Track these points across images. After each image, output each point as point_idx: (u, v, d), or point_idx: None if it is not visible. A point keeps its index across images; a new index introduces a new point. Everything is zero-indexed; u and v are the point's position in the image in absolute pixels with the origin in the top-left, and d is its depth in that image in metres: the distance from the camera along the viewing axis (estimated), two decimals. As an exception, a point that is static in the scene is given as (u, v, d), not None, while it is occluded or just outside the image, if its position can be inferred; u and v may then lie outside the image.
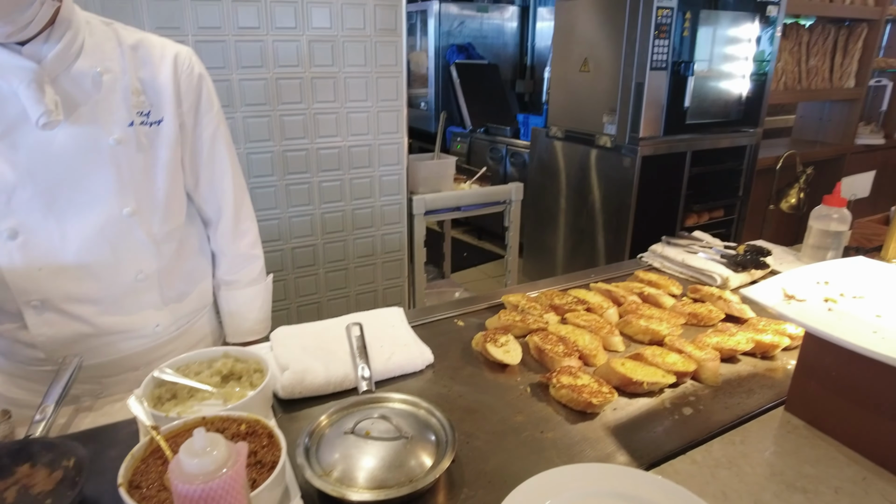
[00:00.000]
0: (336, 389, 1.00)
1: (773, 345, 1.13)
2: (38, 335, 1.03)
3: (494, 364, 1.11)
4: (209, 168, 1.15)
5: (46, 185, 0.96)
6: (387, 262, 2.25)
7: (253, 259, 1.27)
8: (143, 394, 0.90)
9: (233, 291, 1.26)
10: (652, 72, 2.75)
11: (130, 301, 1.09)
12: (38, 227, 0.97)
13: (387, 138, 2.10)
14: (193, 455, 0.56)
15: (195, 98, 1.09)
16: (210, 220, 1.21)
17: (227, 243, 1.23)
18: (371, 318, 1.18)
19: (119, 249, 1.05)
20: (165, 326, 1.15)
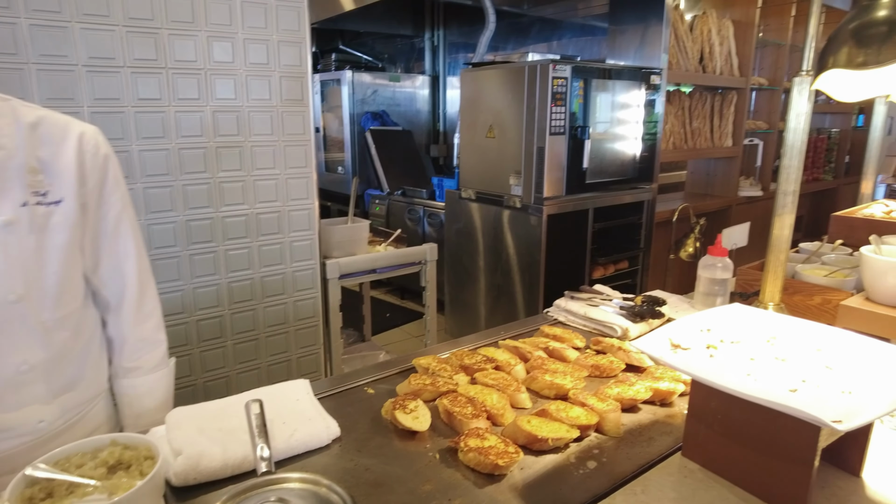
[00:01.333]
0: (235, 472, 0.95)
1: (669, 392, 1.19)
2: None
3: (404, 431, 1.09)
4: (112, 250, 1.10)
5: None
6: (300, 330, 2.19)
7: (156, 344, 1.21)
8: (10, 496, 0.82)
9: (133, 379, 1.18)
10: (551, 136, 2.93)
11: (10, 396, 1.00)
12: None
13: (297, 204, 2.09)
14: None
15: (100, 178, 1.05)
16: (109, 303, 1.15)
17: (129, 328, 1.16)
18: (273, 393, 1.14)
19: (4, 337, 0.96)
20: (51, 422, 1.06)
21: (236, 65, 1.91)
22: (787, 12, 4.48)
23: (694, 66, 3.93)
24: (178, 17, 1.79)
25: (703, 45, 3.99)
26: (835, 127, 5.58)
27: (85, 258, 1.08)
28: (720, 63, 4.06)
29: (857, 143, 5.52)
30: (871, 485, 0.94)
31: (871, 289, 1.34)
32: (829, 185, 5.42)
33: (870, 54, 1.14)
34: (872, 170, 2.90)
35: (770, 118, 4.69)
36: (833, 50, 1.20)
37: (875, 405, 0.80)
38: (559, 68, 2.88)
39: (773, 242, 1.54)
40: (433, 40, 5.71)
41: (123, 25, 1.70)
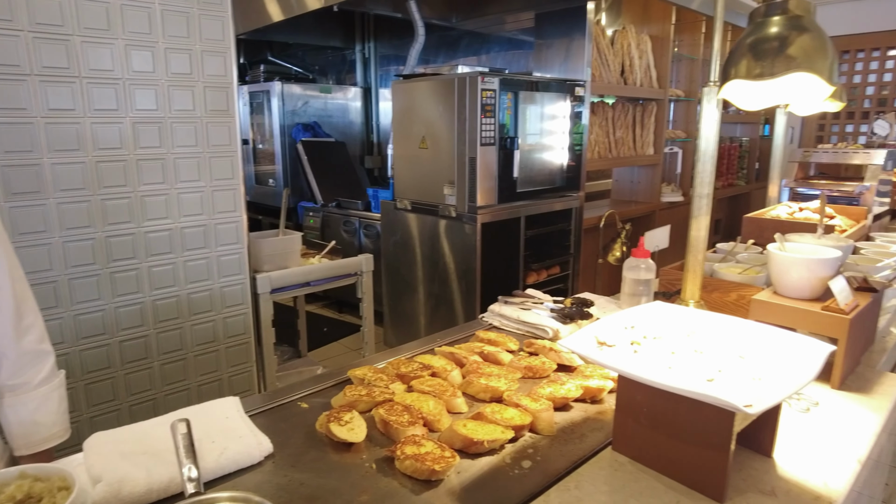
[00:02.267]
0: (160, 496, 0.91)
1: (599, 389, 1.23)
2: None
3: (339, 444, 1.07)
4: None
5: None
6: (231, 347, 2.12)
7: (42, 356, 1.14)
8: None
9: (20, 396, 1.11)
10: (482, 147, 2.99)
11: None
12: None
13: (224, 217, 2.03)
14: None
15: None
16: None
17: (9, 343, 1.09)
18: (201, 413, 1.09)
19: None
20: None
21: (157, 74, 1.84)
22: (697, 29, 4.77)
23: (616, 79, 4.11)
24: (91, 24, 1.71)
25: (623, 59, 4.18)
26: (745, 136, 5.98)
27: None
28: (640, 76, 4.27)
29: (764, 151, 5.94)
30: (781, 464, 1.01)
31: (778, 283, 1.44)
32: (742, 189, 5.79)
33: (765, 66, 1.24)
34: (777, 174, 3.12)
35: (688, 127, 4.97)
36: (734, 62, 1.29)
37: (781, 389, 0.86)
38: (487, 80, 2.94)
39: (692, 243, 1.63)
40: (364, 52, 5.70)
41: (29, 31, 1.61)
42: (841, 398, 1.26)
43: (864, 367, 1.43)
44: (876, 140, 3.72)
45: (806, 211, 2.53)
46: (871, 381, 1.34)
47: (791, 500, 0.91)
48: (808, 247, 1.55)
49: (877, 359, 1.51)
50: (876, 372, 1.41)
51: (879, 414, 1.19)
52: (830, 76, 1.20)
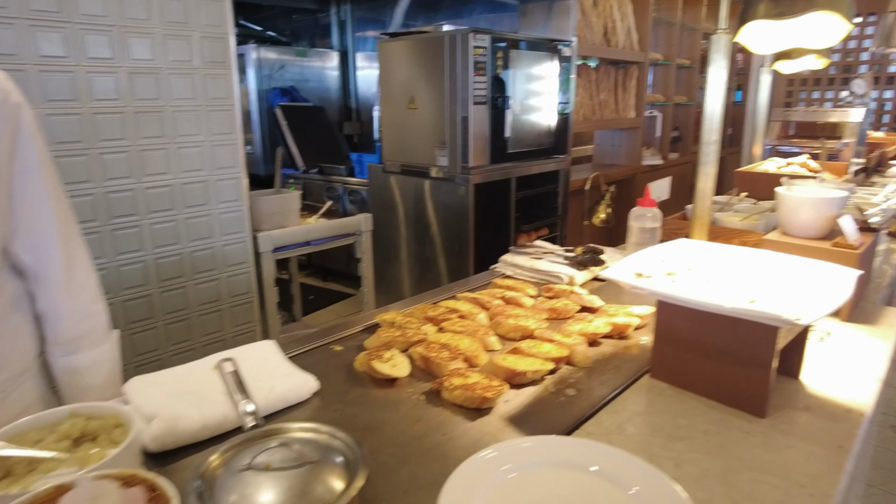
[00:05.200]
0: (215, 433, 0.90)
1: (626, 325, 1.26)
2: None
3: (382, 381, 1.08)
4: (31, 211, 0.98)
5: None
6: (234, 307, 2.09)
7: (95, 316, 1.10)
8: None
9: (72, 356, 1.07)
10: (475, 106, 2.97)
11: None
12: None
13: (223, 173, 1.98)
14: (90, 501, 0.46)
15: (11, 130, 0.93)
16: (35, 274, 1.02)
17: (61, 301, 1.04)
18: (241, 354, 1.08)
19: None
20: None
21: (152, 22, 1.76)
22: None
23: (599, 41, 4.11)
24: (81, -32, 1.62)
25: (605, 21, 4.18)
26: (718, 101, 6.07)
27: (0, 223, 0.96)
28: (622, 38, 4.28)
29: (736, 117, 6.06)
30: (809, 384, 1.06)
31: (788, 223, 1.49)
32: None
33: (786, 6, 1.26)
34: (760, 134, 3.20)
35: (666, 91, 5.02)
36: (754, 3, 1.31)
37: (822, 305, 0.90)
38: (479, 37, 2.91)
39: (699, 191, 1.67)
40: (339, 15, 5.56)
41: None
42: (850, 329, 1.32)
43: (866, 303, 1.50)
44: (854, 100, 3.86)
45: (793, 166, 2.61)
46: (874, 315, 1.41)
47: (825, 413, 0.96)
48: (814, 189, 1.60)
49: (873, 296, 1.59)
50: (877, 307, 1.48)
51: (888, 342, 1.26)
52: (849, 14, 1.23)
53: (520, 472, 0.63)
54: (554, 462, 0.66)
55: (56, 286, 1.04)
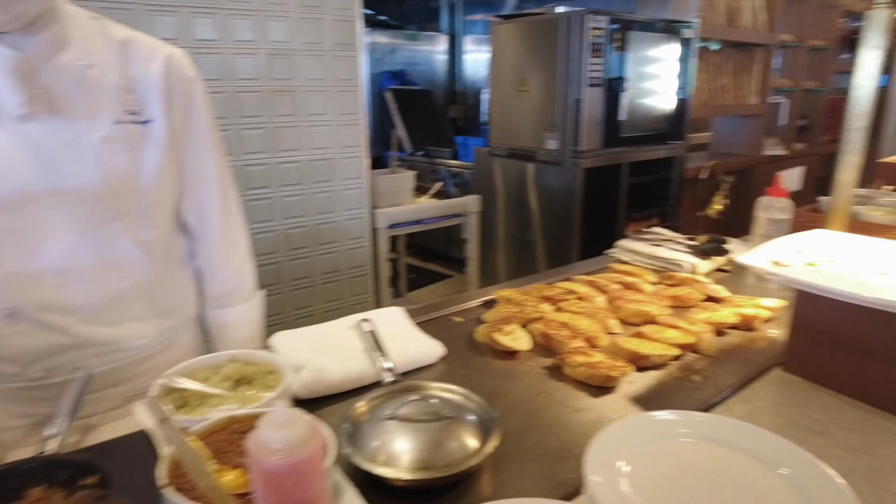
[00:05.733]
0: (354, 386, 0.98)
1: (754, 317, 1.21)
2: (11, 347, 0.93)
3: (502, 353, 1.12)
4: (197, 175, 1.10)
5: (20, 185, 0.88)
6: (352, 278, 2.21)
7: (244, 274, 1.21)
8: (154, 404, 0.84)
9: (224, 309, 1.20)
10: (589, 88, 2.91)
11: (114, 311, 1.02)
12: (11, 230, 0.89)
13: (347, 152, 2.09)
14: (279, 428, 0.53)
15: (186, 102, 1.05)
16: (197, 232, 1.14)
17: (217, 258, 1.16)
18: (375, 317, 1.16)
19: (102, 256, 0.97)
20: (151, 339, 1.08)
21: (289, 6, 1.88)
22: (815, -35, 4.40)
23: (723, 22, 3.87)
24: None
25: (730, 0, 3.93)
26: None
27: (174, 182, 1.08)
28: (748, 19, 4.01)
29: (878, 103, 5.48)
30: (973, 393, 0.97)
31: (948, 219, 1.36)
32: (848, 145, 5.39)
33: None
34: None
35: (794, 76, 4.65)
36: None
37: None
38: (596, 18, 2.84)
39: (839, 182, 1.55)
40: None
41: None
42: None
43: None
44: None
45: (949, 157, 2.34)
46: None
47: None
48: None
49: None
50: None
51: None
52: None
53: (665, 441, 0.64)
54: (699, 436, 0.66)
55: (213, 245, 1.15)
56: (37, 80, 0.87)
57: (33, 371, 0.95)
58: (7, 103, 0.84)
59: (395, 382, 0.93)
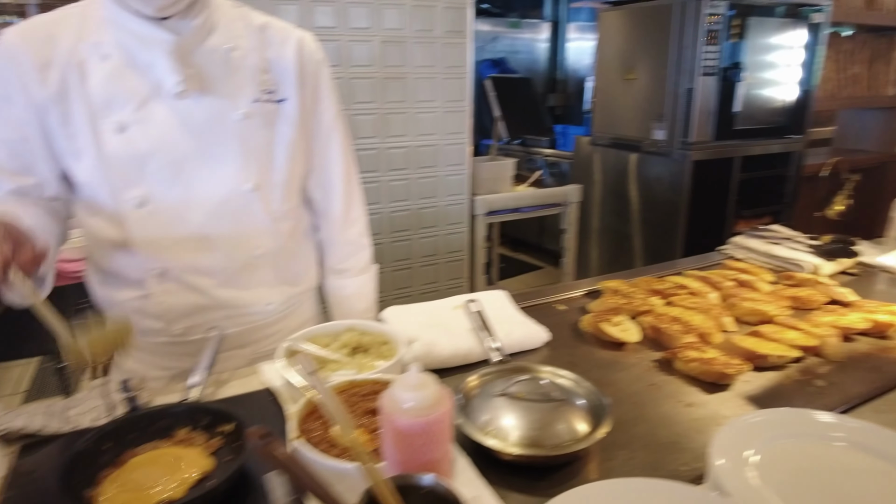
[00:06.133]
0: (461, 362, 1.00)
1: (888, 324, 1.12)
2: (159, 304, 1.04)
3: (608, 343, 1.10)
4: (324, 153, 1.16)
5: (175, 155, 0.98)
6: (449, 263, 2.26)
7: (362, 248, 1.28)
8: (285, 363, 0.91)
9: (342, 280, 1.27)
10: (702, 77, 2.77)
11: (247, 276, 1.10)
12: (164, 197, 0.99)
13: (452, 138, 2.13)
14: (412, 389, 0.56)
15: (315, 82, 1.11)
16: (320, 206, 1.21)
17: (338, 231, 1.23)
18: (481, 298, 1.18)
19: (240, 224, 1.06)
20: (277, 305, 1.16)
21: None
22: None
23: (859, 5, 3.54)
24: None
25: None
26: None
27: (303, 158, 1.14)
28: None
29: None
30: None
31: None
32: None
33: None
34: None
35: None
36: None
37: None
38: (714, 4, 2.69)
39: None
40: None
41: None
42: None
43: None
44: None
45: None
46: None
47: None
48: None
49: None
50: None
51: None
52: None
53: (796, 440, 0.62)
54: (845, 439, 0.62)
55: (335, 219, 1.22)
56: (191, 61, 0.96)
57: (176, 328, 1.06)
58: (167, 81, 0.93)
59: (502, 362, 0.95)
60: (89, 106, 0.93)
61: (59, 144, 0.95)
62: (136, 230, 0.99)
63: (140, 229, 0.99)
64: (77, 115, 0.93)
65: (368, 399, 0.80)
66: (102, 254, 1.05)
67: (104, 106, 0.93)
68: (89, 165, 0.96)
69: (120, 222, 0.99)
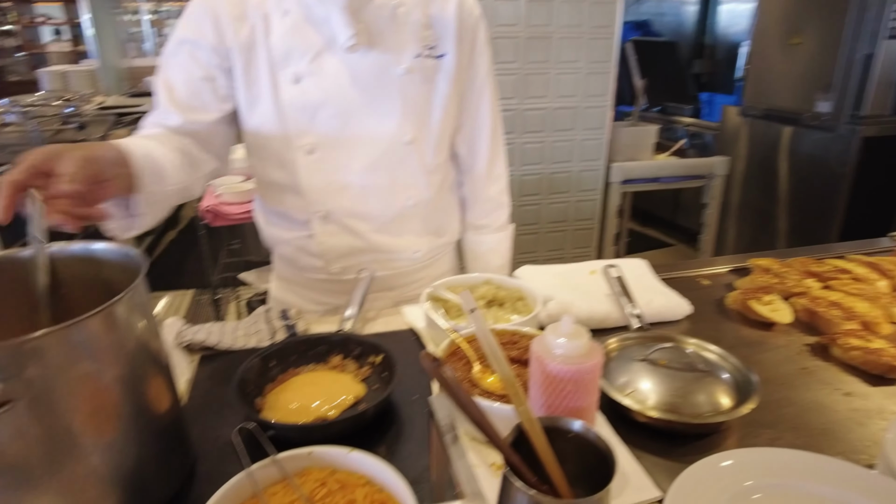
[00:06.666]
0: (598, 326, 1.00)
1: None
2: (321, 244, 1.13)
3: (755, 322, 1.05)
4: (474, 110, 1.19)
5: (343, 107, 1.04)
6: (577, 231, 2.22)
7: (501, 206, 1.30)
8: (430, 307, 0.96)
9: (481, 236, 1.30)
10: (886, 41, 2.43)
11: (399, 224, 1.17)
12: (331, 145, 1.06)
13: (593, 101, 2.07)
14: (566, 336, 0.58)
15: (472, 38, 1.13)
16: (465, 162, 1.25)
17: (480, 188, 1.26)
18: (620, 264, 1.16)
19: (395, 175, 1.11)
20: (423, 254, 1.22)
21: (556, -52, 1.88)
22: None
23: None
24: None
25: None
26: None
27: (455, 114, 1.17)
28: None
29: None
30: None
31: None
32: None
33: None
34: None
35: None
36: None
37: None
38: (913, -45, 2.34)
39: None
40: (712, -60, 5.04)
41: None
42: None
43: None
44: None
45: None
46: None
47: None
48: None
49: None
50: None
51: None
52: None
53: None
54: None
55: (479, 175, 1.25)
56: (361, 16, 1.01)
57: (334, 267, 1.15)
58: (340, 36, 0.99)
59: (642, 329, 0.94)
60: (270, 57, 1.02)
61: (238, 91, 1.05)
62: (304, 175, 1.08)
63: (308, 175, 1.08)
64: (259, 65, 1.03)
65: (506, 348, 0.83)
66: (272, 196, 1.15)
67: (283, 58, 1.01)
68: (266, 112, 1.05)
69: (290, 168, 1.08)
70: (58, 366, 0.52)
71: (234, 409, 0.78)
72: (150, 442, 0.62)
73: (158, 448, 0.64)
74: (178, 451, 0.69)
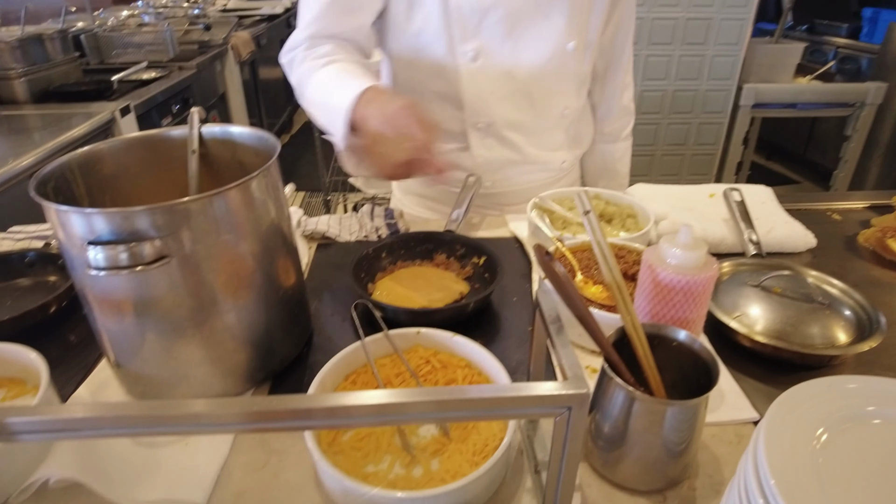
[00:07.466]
0: (712, 251, 0.96)
1: None
2: (477, 156, 1.12)
3: (890, 264, 0.96)
4: (619, 24, 1.11)
5: (511, 11, 0.98)
6: (696, 156, 2.09)
7: (629, 113, 1.24)
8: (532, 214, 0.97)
9: (608, 145, 1.27)
10: None
11: (550, 135, 1.15)
12: (496, 51, 1.01)
13: (731, 13, 1.87)
14: (681, 247, 0.57)
15: None
16: (598, 71, 1.18)
17: (612, 95, 1.21)
18: (743, 189, 1.09)
19: (556, 83, 1.08)
20: (568, 163, 1.20)
21: None
22: None
23: None
24: None
25: None
26: None
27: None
28: None
29: None
30: None
31: None
32: None
33: None
34: None
35: None
36: None
37: None
38: None
39: None
40: None
41: None
42: None
43: None
44: None
45: None
46: None
47: None
48: None
49: None
50: None
51: None
52: None
53: None
54: None
55: (612, 84, 1.19)
56: None
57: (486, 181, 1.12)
58: None
59: (758, 256, 0.89)
60: None
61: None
62: (466, 84, 1.03)
63: (471, 83, 1.03)
64: None
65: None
66: (425, 107, 1.07)
67: None
68: (430, 15, 0.99)
69: (450, 76, 1.03)
70: (203, 230, 0.58)
71: (347, 292, 0.84)
72: (277, 309, 0.69)
73: (283, 316, 0.71)
74: (299, 320, 0.76)
